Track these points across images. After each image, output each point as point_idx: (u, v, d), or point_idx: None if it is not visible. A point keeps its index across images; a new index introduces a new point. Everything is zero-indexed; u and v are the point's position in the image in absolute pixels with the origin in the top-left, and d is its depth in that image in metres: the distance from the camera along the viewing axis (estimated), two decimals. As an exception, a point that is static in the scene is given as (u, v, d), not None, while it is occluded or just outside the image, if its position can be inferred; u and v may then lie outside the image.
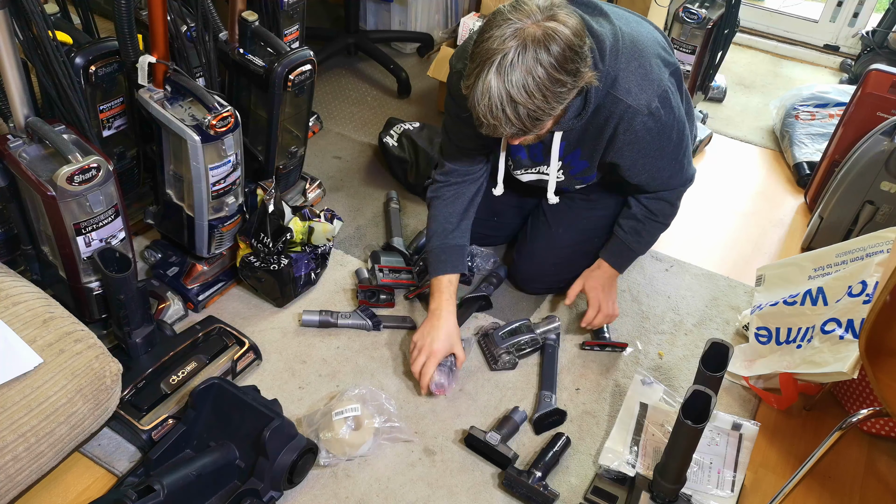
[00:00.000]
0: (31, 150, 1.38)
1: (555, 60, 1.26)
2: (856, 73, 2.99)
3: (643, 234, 1.74)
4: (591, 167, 1.64)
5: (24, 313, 1.31)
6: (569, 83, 1.30)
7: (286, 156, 1.93)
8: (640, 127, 1.49)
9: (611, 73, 1.43)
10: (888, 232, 1.56)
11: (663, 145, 1.56)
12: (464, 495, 1.45)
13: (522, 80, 1.25)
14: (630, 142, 1.52)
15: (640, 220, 1.72)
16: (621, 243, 1.75)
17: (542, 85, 1.26)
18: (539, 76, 1.26)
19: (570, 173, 1.67)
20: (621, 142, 1.52)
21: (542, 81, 1.26)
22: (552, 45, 1.25)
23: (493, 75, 1.26)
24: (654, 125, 1.50)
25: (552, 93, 1.28)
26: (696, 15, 2.32)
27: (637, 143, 1.52)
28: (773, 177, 2.49)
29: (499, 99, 1.27)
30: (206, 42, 1.61)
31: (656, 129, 1.51)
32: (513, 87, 1.26)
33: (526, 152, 1.66)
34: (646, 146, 1.53)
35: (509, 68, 1.25)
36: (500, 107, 1.27)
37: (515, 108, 1.28)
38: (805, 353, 1.57)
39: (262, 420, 1.36)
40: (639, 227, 1.73)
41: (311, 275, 1.81)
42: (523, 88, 1.26)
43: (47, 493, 1.39)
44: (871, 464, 1.59)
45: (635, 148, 1.53)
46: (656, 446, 1.51)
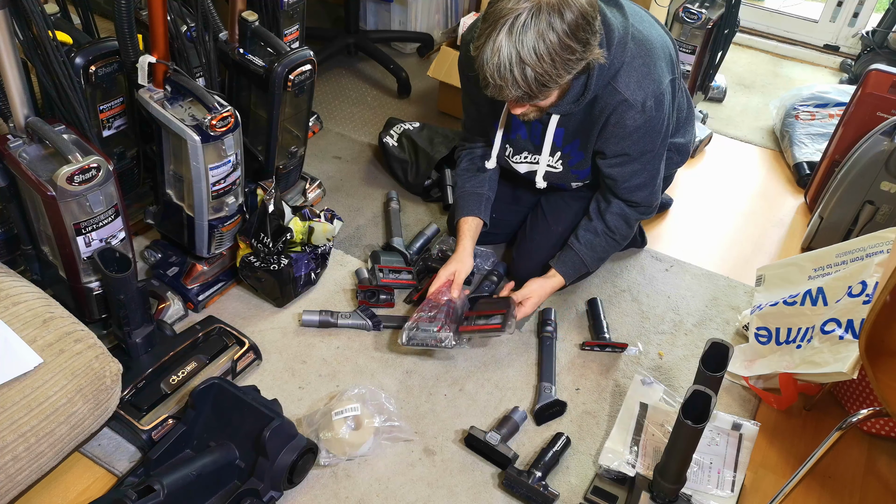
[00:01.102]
0: (31, 150, 1.38)
1: (567, 27, 1.27)
2: (856, 73, 2.99)
3: (597, 249, 1.75)
4: (586, 158, 1.65)
5: (24, 313, 1.31)
6: (578, 52, 1.31)
7: (286, 156, 1.92)
8: (630, 122, 1.50)
9: (615, 64, 1.44)
10: (888, 232, 1.56)
11: (645, 148, 1.57)
12: (464, 495, 1.45)
13: (534, 42, 1.26)
14: (617, 134, 1.53)
15: (598, 234, 1.74)
16: (574, 255, 1.76)
17: (552, 49, 1.27)
18: (551, 40, 1.26)
19: (567, 163, 1.68)
20: (609, 132, 1.54)
21: (552, 46, 1.27)
22: (566, 12, 1.26)
23: (504, 35, 1.27)
24: (644, 123, 1.51)
25: (561, 59, 1.29)
26: (696, 15, 2.32)
27: (622, 137, 1.54)
28: (773, 177, 2.49)
29: (508, 59, 1.27)
30: (206, 42, 1.61)
31: (644, 128, 1.52)
32: (524, 48, 1.26)
33: (527, 132, 1.66)
34: (630, 142, 1.55)
35: (522, 29, 1.26)
36: (508, 67, 1.28)
37: (524, 69, 1.28)
38: (805, 353, 1.57)
39: (262, 420, 1.36)
40: (595, 241, 1.74)
41: (311, 275, 1.81)
42: (533, 51, 1.27)
43: (47, 493, 1.39)
44: (871, 464, 1.59)
45: (620, 140, 1.55)
46: (656, 446, 1.51)
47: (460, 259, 1.76)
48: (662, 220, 2.23)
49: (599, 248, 1.75)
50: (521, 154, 1.72)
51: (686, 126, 1.85)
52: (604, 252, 1.78)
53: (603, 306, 1.86)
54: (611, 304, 1.90)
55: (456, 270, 1.73)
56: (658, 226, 2.21)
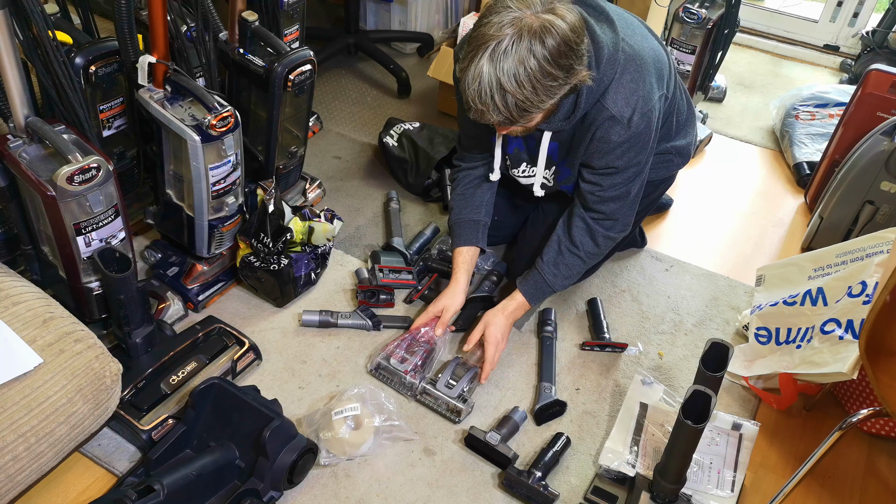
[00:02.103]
0: (31, 150, 1.38)
1: (548, 54, 1.26)
2: (856, 73, 2.99)
3: (560, 267, 1.67)
4: (573, 174, 1.64)
5: (24, 313, 1.31)
6: (560, 78, 1.30)
7: (286, 156, 1.92)
8: (615, 137, 1.48)
9: (604, 81, 1.43)
10: (888, 232, 1.56)
11: (629, 162, 1.54)
12: (464, 495, 1.45)
13: (514, 69, 1.26)
14: (601, 149, 1.52)
15: (562, 251, 1.67)
16: (538, 274, 1.68)
17: (532, 76, 1.27)
18: (531, 67, 1.26)
19: (557, 179, 1.67)
20: (594, 148, 1.52)
21: (533, 73, 1.26)
22: (547, 38, 1.26)
23: (485, 61, 1.26)
24: (628, 139, 1.49)
25: (542, 86, 1.29)
26: (696, 15, 2.32)
27: (607, 151, 1.52)
28: (773, 177, 2.49)
29: (488, 85, 1.27)
30: (206, 42, 1.61)
31: (629, 143, 1.50)
32: (503, 74, 1.26)
33: (524, 144, 1.66)
34: (614, 156, 1.52)
35: (502, 56, 1.25)
36: (488, 93, 1.28)
37: (504, 96, 1.28)
38: (805, 353, 1.57)
39: (262, 420, 1.36)
40: (558, 259, 1.67)
41: (311, 275, 1.81)
42: (514, 77, 1.26)
43: (47, 493, 1.39)
44: (871, 464, 1.59)
45: (604, 155, 1.53)
46: (656, 446, 1.51)
47: (452, 295, 1.71)
48: (662, 220, 2.23)
49: (563, 265, 1.67)
50: (520, 167, 1.71)
51: (686, 128, 1.84)
52: (568, 270, 1.68)
53: (603, 306, 1.86)
54: (611, 304, 1.90)
55: (445, 307, 1.69)
56: (658, 226, 2.21)
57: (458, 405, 1.56)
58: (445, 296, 1.71)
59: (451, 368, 1.63)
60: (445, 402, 1.58)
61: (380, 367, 1.64)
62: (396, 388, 1.62)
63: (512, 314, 1.69)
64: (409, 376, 1.60)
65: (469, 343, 1.66)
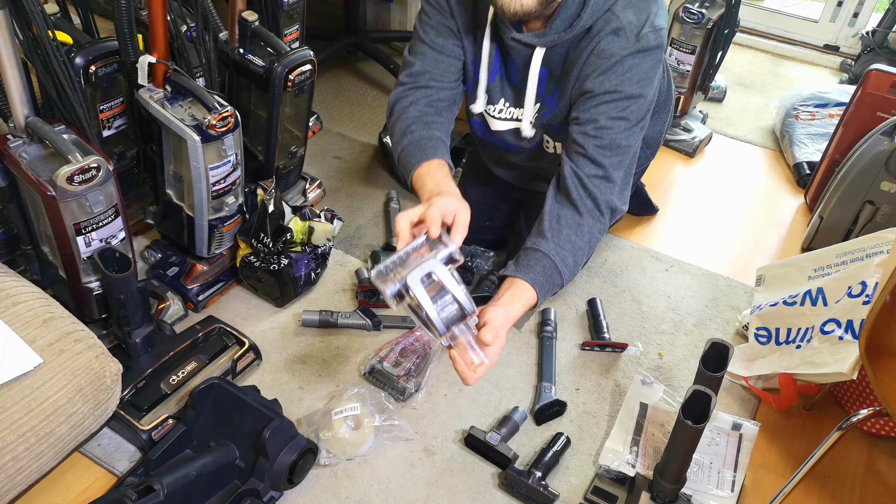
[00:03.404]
0: (31, 150, 1.38)
1: None
2: (856, 73, 2.99)
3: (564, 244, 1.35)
4: (561, 109, 1.44)
5: (24, 313, 1.31)
6: None
7: (286, 156, 1.93)
8: (619, 49, 1.31)
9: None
10: (888, 233, 1.56)
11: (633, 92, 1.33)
12: (464, 495, 1.45)
13: None
14: (601, 67, 1.32)
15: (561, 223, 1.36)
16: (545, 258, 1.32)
17: None
18: None
19: (541, 116, 1.49)
20: (592, 65, 1.33)
21: None
22: None
23: None
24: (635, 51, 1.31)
25: None
26: (696, 15, 2.32)
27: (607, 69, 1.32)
28: (773, 177, 2.49)
29: None
30: (206, 42, 1.61)
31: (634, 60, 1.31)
32: None
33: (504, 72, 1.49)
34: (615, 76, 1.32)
35: None
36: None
37: None
38: (804, 353, 1.57)
39: (262, 420, 1.36)
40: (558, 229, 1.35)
41: (311, 275, 1.81)
42: None
43: (47, 493, 1.39)
44: (871, 464, 1.59)
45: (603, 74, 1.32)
46: (656, 446, 1.51)
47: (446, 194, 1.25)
48: (663, 220, 2.23)
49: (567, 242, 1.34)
50: (498, 104, 1.51)
51: (660, 112, 1.70)
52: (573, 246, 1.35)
53: (603, 306, 1.86)
54: (611, 304, 1.90)
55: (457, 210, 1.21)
56: (658, 226, 2.21)
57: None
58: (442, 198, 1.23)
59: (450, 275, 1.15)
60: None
61: (373, 370, 1.63)
62: (390, 392, 1.61)
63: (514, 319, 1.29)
64: (402, 381, 1.60)
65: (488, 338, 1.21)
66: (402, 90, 1.52)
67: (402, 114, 1.49)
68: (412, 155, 1.42)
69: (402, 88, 1.52)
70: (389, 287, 1.11)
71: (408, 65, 1.54)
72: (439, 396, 1.63)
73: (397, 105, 1.52)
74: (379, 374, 1.62)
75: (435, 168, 1.38)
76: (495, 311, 1.24)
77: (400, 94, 1.52)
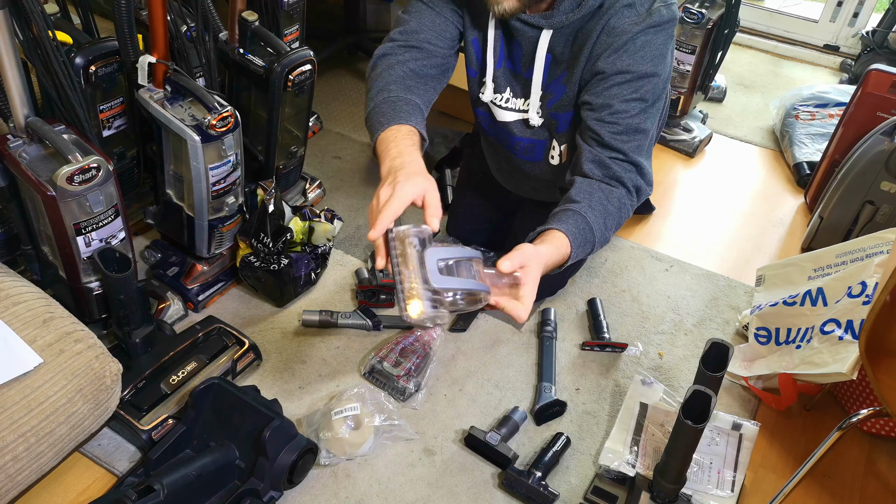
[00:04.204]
0: (31, 150, 1.38)
1: None
2: (856, 73, 2.99)
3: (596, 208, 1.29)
4: (567, 95, 1.39)
5: (24, 313, 1.31)
6: None
7: (286, 156, 1.93)
8: (630, 25, 1.25)
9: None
10: (888, 233, 1.56)
11: (647, 70, 1.27)
12: (464, 495, 1.45)
13: None
14: (612, 45, 1.27)
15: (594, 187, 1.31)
16: (580, 217, 1.27)
17: None
18: None
19: (547, 104, 1.43)
20: (603, 44, 1.27)
21: None
22: None
23: None
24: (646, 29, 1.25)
25: None
26: (696, 15, 2.32)
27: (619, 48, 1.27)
28: (773, 177, 2.49)
29: None
30: (206, 42, 1.61)
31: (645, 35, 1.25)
32: None
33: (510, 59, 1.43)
34: (627, 55, 1.27)
35: None
36: None
37: None
38: (804, 353, 1.57)
39: (262, 420, 1.36)
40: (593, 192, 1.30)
41: (311, 275, 1.81)
42: None
43: (47, 493, 1.39)
44: (871, 464, 1.59)
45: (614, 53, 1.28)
46: (656, 446, 1.51)
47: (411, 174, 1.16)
48: (663, 220, 2.23)
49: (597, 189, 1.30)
50: (505, 92, 1.45)
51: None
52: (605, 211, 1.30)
53: (603, 306, 1.86)
54: (611, 304, 1.90)
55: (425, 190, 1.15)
56: (658, 226, 2.21)
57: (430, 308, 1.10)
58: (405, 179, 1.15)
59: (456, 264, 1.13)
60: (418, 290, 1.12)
61: (373, 370, 1.63)
62: (390, 391, 1.61)
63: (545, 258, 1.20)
64: (402, 381, 1.60)
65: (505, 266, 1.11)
66: (390, 46, 1.42)
67: (385, 71, 1.39)
68: (382, 115, 1.31)
69: (391, 44, 1.42)
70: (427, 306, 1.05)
71: (401, 22, 1.45)
72: (439, 396, 1.63)
73: (382, 61, 1.41)
74: (379, 374, 1.62)
75: (404, 135, 1.26)
76: (524, 245, 1.17)
77: (388, 49, 1.42)
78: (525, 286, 1.13)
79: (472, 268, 1.13)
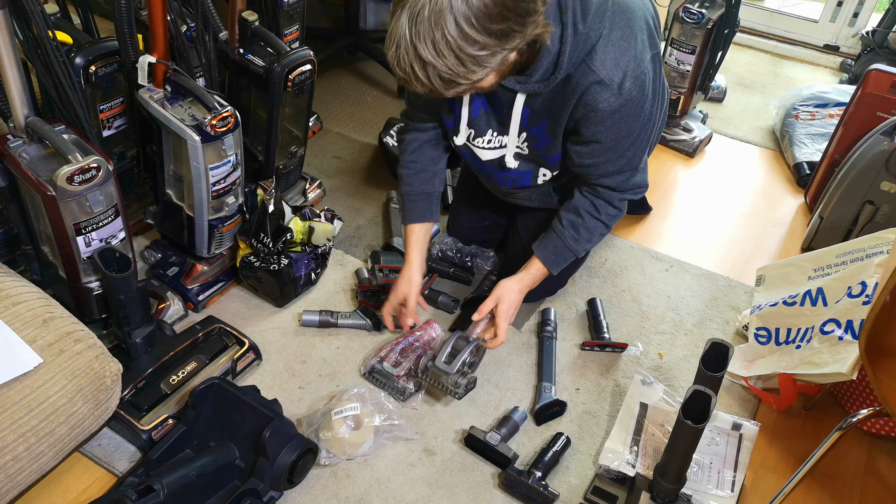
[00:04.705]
0: (31, 150, 1.38)
1: (473, 16, 1.05)
2: (856, 73, 2.99)
3: (581, 231, 1.55)
4: (555, 143, 1.46)
5: (24, 313, 1.31)
6: (491, 46, 1.09)
7: (286, 156, 1.93)
8: (605, 105, 1.31)
9: (591, 37, 1.26)
10: (888, 233, 1.56)
11: (620, 134, 1.37)
12: (464, 495, 1.45)
13: (431, 34, 1.06)
14: (588, 118, 1.34)
15: (581, 214, 1.55)
16: (558, 238, 1.56)
17: (453, 44, 1.06)
18: (451, 34, 1.05)
19: (534, 147, 1.49)
20: (580, 115, 1.34)
21: (454, 40, 1.06)
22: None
23: (405, 20, 1.07)
24: (620, 107, 1.32)
25: (467, 55, 1.08)
26: (696, 15, 2.32)
27: (595, 121, 1.35)
28: (773, 177, 2.49)
29: (405, 52, 1.09)
30: (206, 42, 1.61)
31: (620, 113, 1.33)
32: (420, 41, 1.07)
33: (489, 105, 1.47)
34: (603, 127, 1.35)
35: (418, 16, 1.05)
36: (407, 61, 1.10)
37: (424, 66, 1.10)
38: (804, 353, 1.57)
39: (262, 420, 1.36)
40: (578, 222, 1.54)
41: (311, 275, 1.81)
42: (432, 45, 1.07)
43: (47, 493, 1.39)
44: (871, 464, 1.59)
45: (591, 125, 1.36)
46: (656, 446, 1.51)
47: (408, 280, 1.60)
48: (663, 220, 2.23)
49: (584, 228, 1.54)
50: (486, 135, 1.51)
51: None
52: (589, 234, 1.56)
53: (603, 306, 1.86)
54: (611, 304, 1.90)
55: (405, 295, 1.59)
56: (658, 226, 2.21)
57: (459, 380, 1.51)
58: (401, 282, 1.61)
59: (451, 342, 1.56)
60: (446, 379, 1.52)
61: (373, 370, 1.63)
62: (390, 391, 1.60)
63: (528, 286, 1.59)
64: (402, 381, 1.59)
65: (479, 314, 1.57)
66: (401, 131, 1.68)
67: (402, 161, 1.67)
68: (404, 209, 1.67)
69: (402, 130, 1.68)
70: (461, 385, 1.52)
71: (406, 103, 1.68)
72: (439, 396, 1.63)
73: (401, 147, 1.69)
74: (379, 374, 1.62)
75: (417, 238, 1.64)
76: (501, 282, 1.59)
77: (402, 133, 1.69)
78: (498, 318, 1.54)
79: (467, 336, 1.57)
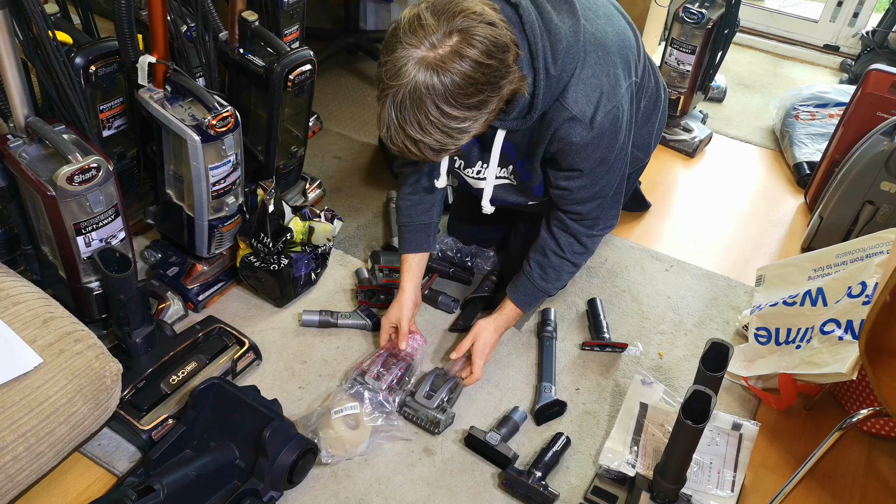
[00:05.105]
0: (31, 150, 1.38)
1: (450, 95, 1.16)
2: (856, 73, 2.99)
3: (548, 271, 1.62)
4: (535, 176, 1.54)
5: (24, 313, 1.31)
6: (471, 117, 1.21)
7: (286, 156, 1.93)
8: (577, 139, 1.38)
9: (563, 77, 1.33)
10: (888, 233, 1.56)
11: (594, 164, 1.44)
12: (464, 495, 1.45)
13: (416, 118, 1.18)
14: (563, 150, 1.42)
15: (547, 255, 1.61)
16: (527, 280, 1.63)
17: (437, 123, 1.18)
18: (433, 115, 1.17)
19: (520, 178, 1.58)
20: (555, 148, 1.42)
21: (437, 119, 1.18)
22: (445, 77, 1.15)
23: (389, 108, 1.19)
24: (592, 140, 1.38)
25: (451, 129, 1.20)
26: (696, 15, 2.32)
27: (569, 154, 1.42)
28: (773, 177, 2.49)
29: (397, 134, 1.21)
30: (206, 42, 1.61)
31: (593, 145, 1.40)
32: (407, 122, 1.18)
33: (477, 140, 1.53)
34: (578, 158, 1.43)
35: (401, 106, 1.17)
36: (400, 140, 1.22)
37: (416, 143, 1.22)
38: (804, 353, 1.57)
39: (262, 420, 1.36)
40: (545, 262, 1.61)
41: (311, 275, 1.81)
42: (418, 125, 1.18)
43: (47, 493, 1.39)
44: (871, 464, 1.59)
45: (566, 157, 1.43)
46: (656, 446, 1.51)
47: (400, 306, 1.64)
48: (663, 220, 2.23)
49: (551, 268, 1.61)
50: (474, 167, 1.58)
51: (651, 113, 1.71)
52: (557, 273, 1.62)
53: (603, 306, 1.86)
54: (611, 304, 1.90)
55: (398, 319, 1.63)
56: (658, 226, 2.21)
57: (438, 416, 1.52)
58: (394, 308, 1.65)
59: (430, 379, 1.58)
60: (425, 415, 1.53)
61: (355, 384, 1.57)
62: (373, 405, 1.54)
63: (503, 326, 1.65)
64: (384, 394, 1.55)
65: (458, 352, 1.61)
66: (398, 166, 1.72)
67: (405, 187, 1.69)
68: (401, 239, 1.72)
69: (398, 165, 1.72)
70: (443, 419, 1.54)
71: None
72: (439, 396, 1.63)
73: (399, 180, 1.72)
74: (360, 388, 1.56)
75: (410, 266, 1.68)
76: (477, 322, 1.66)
77: (398, 167, 1.72)
78: (474, 356, 1.61)
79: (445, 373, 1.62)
